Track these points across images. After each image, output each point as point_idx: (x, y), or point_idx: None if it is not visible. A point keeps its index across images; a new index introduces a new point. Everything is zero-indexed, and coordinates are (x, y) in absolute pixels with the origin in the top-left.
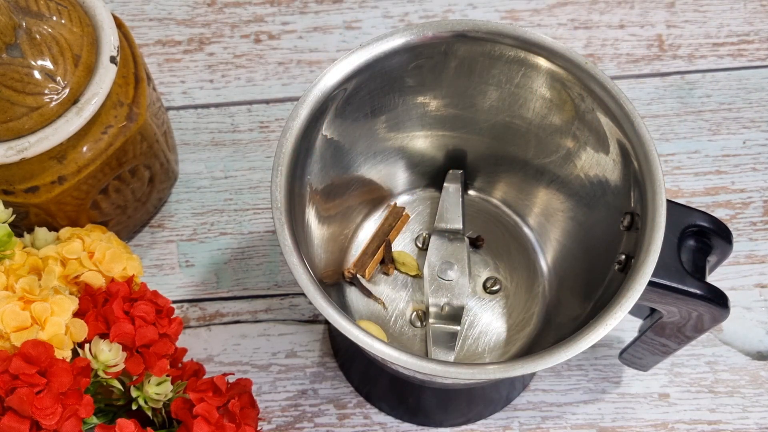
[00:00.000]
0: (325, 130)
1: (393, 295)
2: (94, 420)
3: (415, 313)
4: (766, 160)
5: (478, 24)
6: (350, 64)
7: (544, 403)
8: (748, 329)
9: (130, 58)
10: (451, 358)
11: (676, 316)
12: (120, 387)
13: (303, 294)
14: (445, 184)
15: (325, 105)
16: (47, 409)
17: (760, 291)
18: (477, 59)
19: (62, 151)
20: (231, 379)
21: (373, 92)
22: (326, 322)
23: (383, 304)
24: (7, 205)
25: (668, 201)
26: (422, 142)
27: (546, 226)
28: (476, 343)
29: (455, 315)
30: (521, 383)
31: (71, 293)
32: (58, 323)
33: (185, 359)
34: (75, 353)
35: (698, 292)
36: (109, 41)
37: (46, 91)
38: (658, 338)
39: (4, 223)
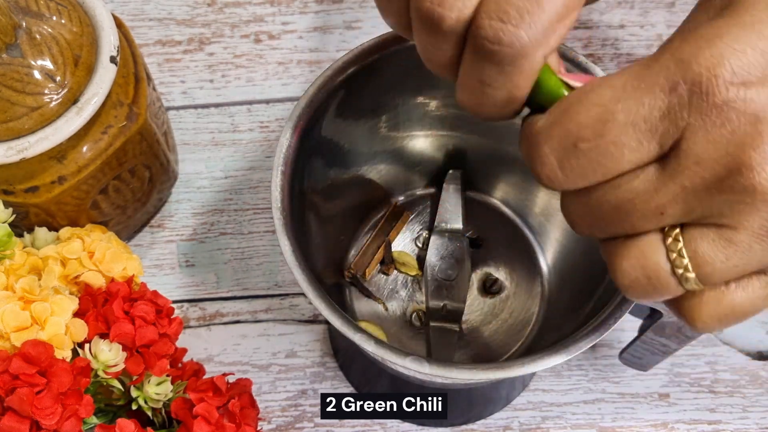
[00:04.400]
0: (325, 130)
1: (393, 295)
2: (94, 420)
3: (415, 313)
4: None
5: None
6: (350, 64)
7: (544, 403)
8: (748, 329)
9: (130, 58)
10: (452, 358)
11: (676, 316)
12: (120, 387)
13: (303, 294)
14: (445, 184)
15: (325, 105)
16: (47, 409)
17: None
18: None
19: (62, 151)
20: (231, 379)
21: (373, 92)
22: (326, 322)
23: (383, 304)
24: (7, 205)
25: None
26: (422, 142)
27: (546, 226)
28: (476, 343)
29: (455, 315)
30: (521, 383)
31: (71, 293)
32: (58, 323)
33: (185, 359)
34: (75, 353)
35: None
36: (109, 41)
37: (46, 91)
38: (658, 338)
39: (4, 223)
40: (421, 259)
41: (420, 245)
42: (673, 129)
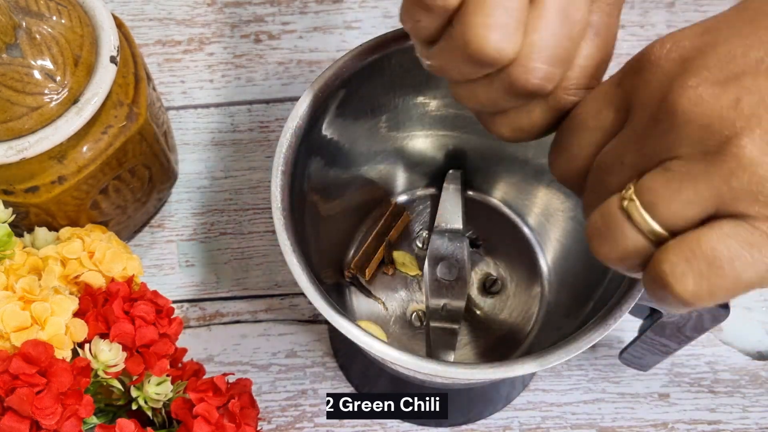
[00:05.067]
0: (325, 130)
1: (393, 295)
2: (94, 420)
3: (415, 313)
4: None
5: None
6: (350, 64)
7: (544, 403)
8: (748, 329)
9: (130, 58)
10: (451, 358)
11: (676, 316)
12: (120, 387)
13: (303, 294)
14: (444, 184)
15: (325, 105)
16: (47, 409)
17: (760, 291)
18: None
19: (62, 151)
20: (231, 379)
21: (373, 92)
22: (326, 322)
23: (383, 304)
24: (7, 205)
25: None
26: (422, 142)
27: (546, 226)
28: (476, 343)
29: (455, 315)
30: (521, 383)
31: (71, 293)
32: (58, 323)
33: (185, 359)
34: (75, 353)
35: None
36: (109, 41)
37: (46, 91)
38: (658, 338)
39: (4, 223)
40: (421, 259)
41: (420, 245)
42: (624, 93)
